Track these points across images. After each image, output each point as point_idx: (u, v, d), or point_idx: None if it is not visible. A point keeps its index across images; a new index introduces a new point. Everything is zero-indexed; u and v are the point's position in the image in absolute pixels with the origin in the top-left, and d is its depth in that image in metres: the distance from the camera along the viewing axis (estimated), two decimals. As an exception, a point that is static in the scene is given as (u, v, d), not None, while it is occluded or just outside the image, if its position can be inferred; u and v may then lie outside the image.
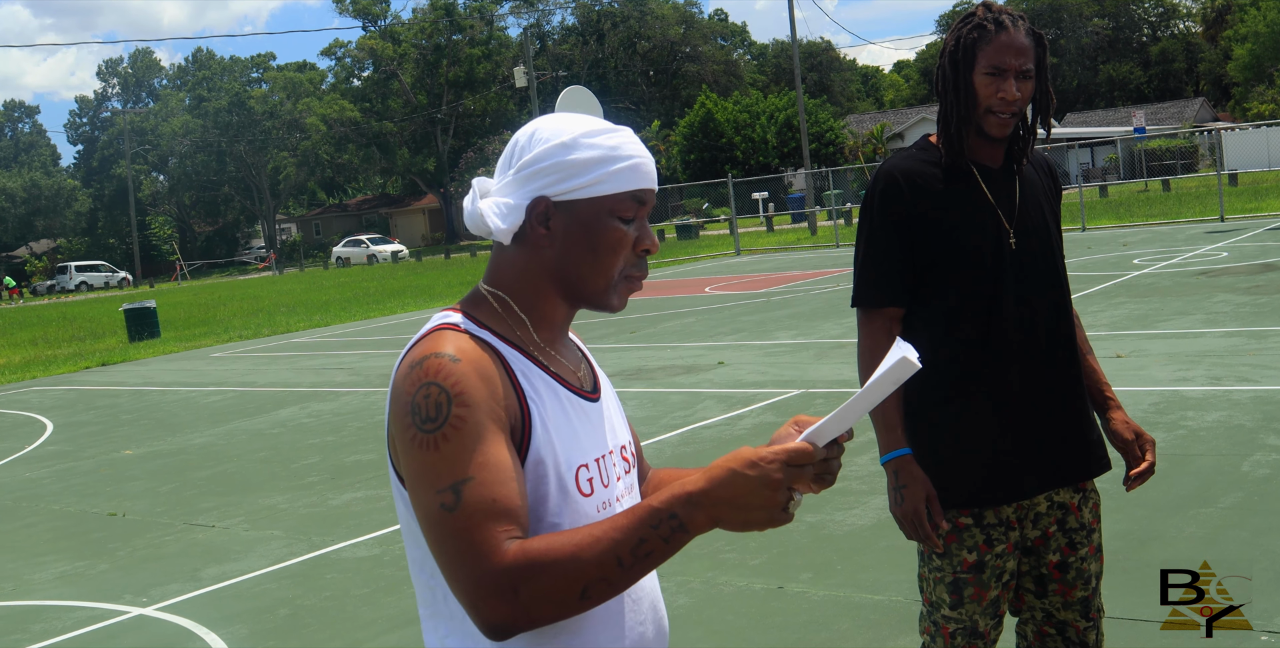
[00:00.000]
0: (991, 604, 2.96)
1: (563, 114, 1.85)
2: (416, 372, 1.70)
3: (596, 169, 1.78)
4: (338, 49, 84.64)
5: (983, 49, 2.86)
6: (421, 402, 1.67)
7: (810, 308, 17.42)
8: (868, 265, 3.01)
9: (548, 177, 1.78)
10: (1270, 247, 19.65)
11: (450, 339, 1.74)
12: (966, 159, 2.96)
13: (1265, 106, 62.64)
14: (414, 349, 1.76)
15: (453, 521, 1.61)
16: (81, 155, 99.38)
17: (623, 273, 1.84)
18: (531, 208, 1.79)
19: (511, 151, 1.84)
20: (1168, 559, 5.43)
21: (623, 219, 1.81)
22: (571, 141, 1.78)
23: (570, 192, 1.78)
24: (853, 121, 73.11)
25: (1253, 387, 8.87)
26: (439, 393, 1.66)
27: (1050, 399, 2.96)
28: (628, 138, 1.82)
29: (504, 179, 1.83)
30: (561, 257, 1.82)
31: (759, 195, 49.29)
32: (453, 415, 1.65)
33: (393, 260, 63.22)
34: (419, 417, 1.66)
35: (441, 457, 1.64)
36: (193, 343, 22.98)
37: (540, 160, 1.78)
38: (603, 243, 1.81)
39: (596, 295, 1.86)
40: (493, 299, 1.86)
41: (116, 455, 11.11)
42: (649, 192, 1.83)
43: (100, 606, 6.46)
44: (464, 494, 1.62)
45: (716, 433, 9.29)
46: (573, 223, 1.80)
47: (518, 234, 1.82)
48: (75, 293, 69.90)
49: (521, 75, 51.88)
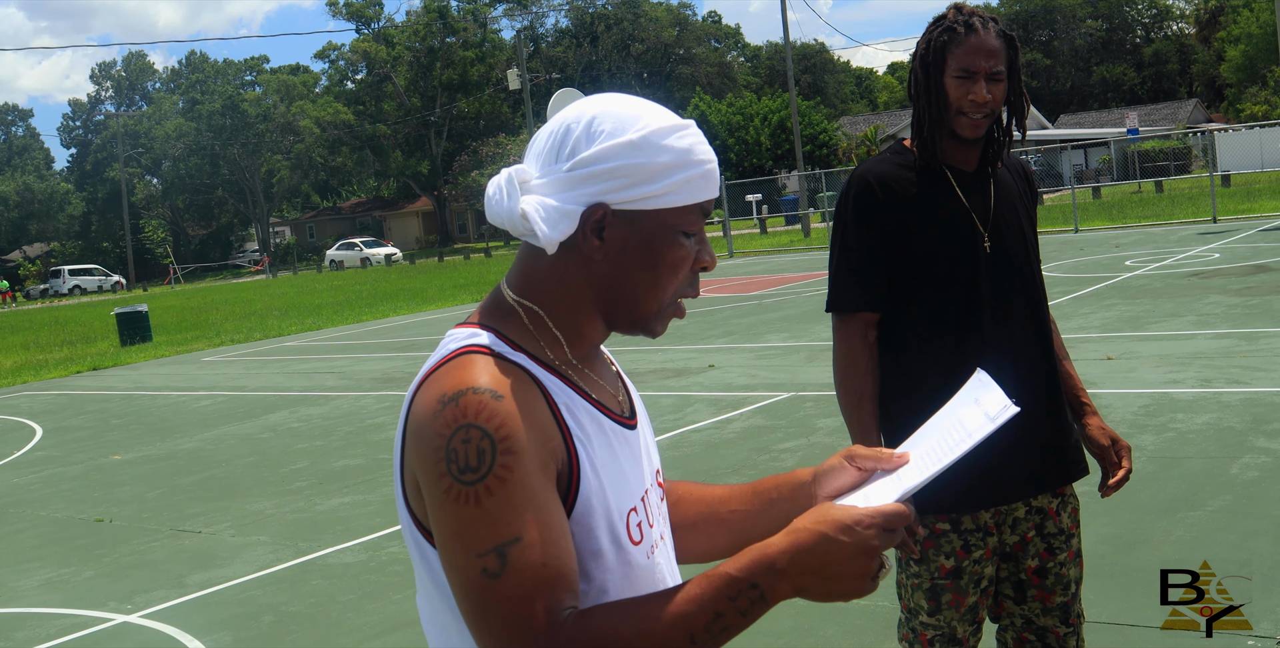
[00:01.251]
0: (970, 611, 2.94)
1: (619, 97, 1.58)
2: (452, 410, 1.43)
3: (668, 177, 1.52)
4: (331, 52, 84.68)
5: (953, 51, 2.85)
6: (460, 447, 1.41)
7: (802, 310, 17.40)
8: (842, 270, 2.99)
9: (610, 181, 1.51)
10: (1262, 248, 19.66)
11: (484, 367, 1.47)
12: (940, 162, 2.95)
13: (1258, 108, 62.72)
14: (440, 377, 1.48)
15: (498, 589, 1.38)
16: (75, 159, 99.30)
17: (677, 295, 1.62)
18: (587, 216, 1.52)
19: (562, 140, 1.54)
20: (1156, 563, 5.40)
21: (687, 234, 1.57)
22: (642, 141, 1.51)
23: (635, 201, 1.52)
24: (846, 123, 73.15)
25: (1243, 389, 8.85)
26: (480, 438, 1.41)
27: (1026, 404, 2.93)
28: (698, 137, 1.57)
29: (552, 174, 1.54)
30: (614, 273, 1.56)
31: (752, 197, 49.32)
32: (498, 465, 1.40)
33: (386, 263, 63.22)
34: (457, 466, 1.40)
35: (484, 513, 1.40)
36: (184, 347, 22.94)
37: (603, 160, 1.51)
38: (664, 261, 1.56)
39: (645, 319, 1.61)
40: (524, 312, 1.58)
41: (105, 461, 11.07)
42: (713, 201, 1.60)
43: (84, 613, 6.43)
44: (510, 558, 1.39)
45: (706, 436, 9.26)
46: (633, 236, 1.54)
47: (564, 242, 1.54)
48: (68, 297, 69.80)
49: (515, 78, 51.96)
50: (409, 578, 6.40)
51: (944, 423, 1.73)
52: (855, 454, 1.69)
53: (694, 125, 1.57)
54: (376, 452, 10.04)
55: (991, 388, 1.71)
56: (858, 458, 1.69)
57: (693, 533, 1.83)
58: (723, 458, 8.44)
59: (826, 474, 1.71)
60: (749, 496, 1.79)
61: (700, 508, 1.83)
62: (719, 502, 1.82)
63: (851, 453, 1.71)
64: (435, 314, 25.07)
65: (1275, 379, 9.06)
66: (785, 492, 1.74)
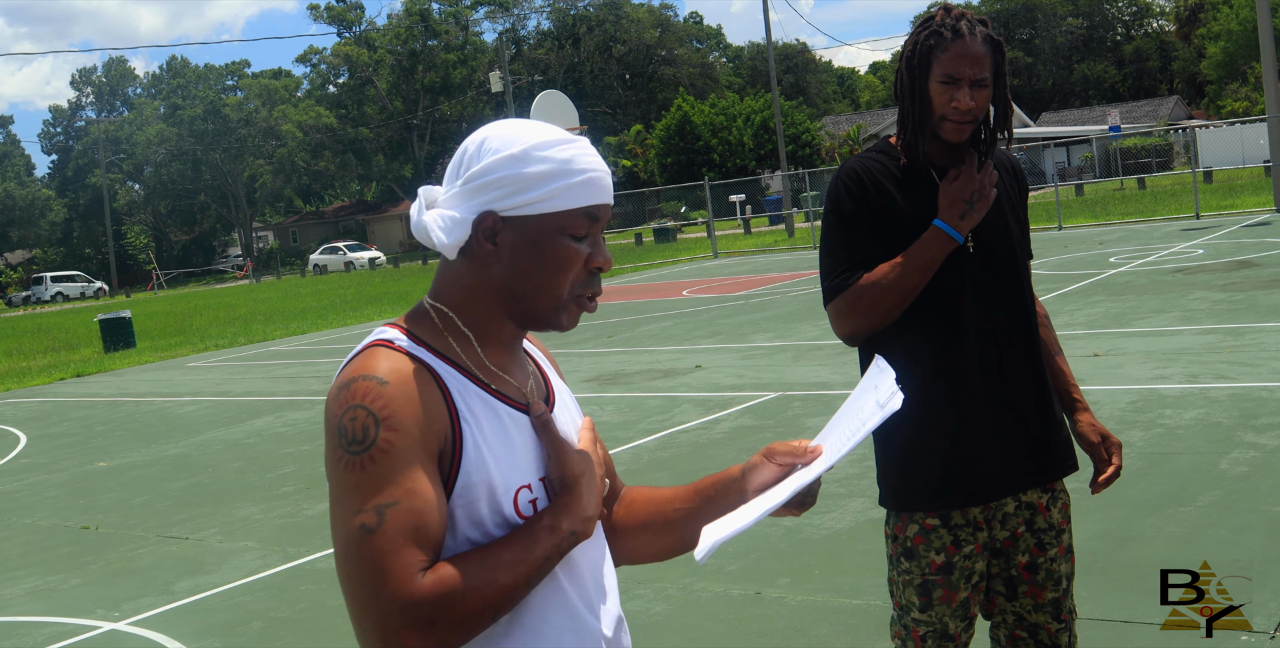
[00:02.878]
0: (961, 606, 2.93)
1: (516, 121, 1.76)
2: (345, 393, 1.63)
3: (548, 184, 1.69)
4: (313, 55, 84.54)
5: (938, 57, 2.84)
6: (349, 424, 1.60)
7: (788, 310, 17.40)
8: (834, 258, 2.96)
9: (496, 190, 1.69)
10: (1245, 243, 19.72)
11: (383, 357, 1.66)
12: (925, 162, 2.94)
13: (1239, 104, 62.92)
14: (347, 368, 1.68)
15: (371, 543, 1.56)
16: (56, 165, 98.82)
17: (573, 292, 1.76)
18: (478, 223, 1.70)
19: (460, 160, 1.74)
20: (1148, 559, 5.41)
21: (574, 236, 1.73)
22: (522, 153, 1.69)
23: (519, 207, 1.69)
24: (829, 123, 73.24)
25: (1230, 384, 8.87)
26: (366, 416, 1.60)
27: (1016, 400, 2.94)
28: (583, 149, 1.73)
29: (451, 189, 1.73)
30: (508, 274, 1.73)
31: (736, 198, 49.32)
32: (380, 439, 1.59)
33: (370, 267, 63.12)
34: (345, 439, 1.60)
35: (367, 478, 1.58)
36: (169, 353, 22.86)
37: (488, 173, 1.69)
38: (551, 261, 1.72)
39: (544, 315, 1.77)
40: (435, 314, 1.76)
41: (90, 468, 11.02)
42: (604, 207, 1.75)
43: (72, 621, 6.39)
44: (386, 517, 1.56)
45: (694, 437, 9.25)
46: (521, 240, 1.71)
47: (464, 248, 1.73)
48: (51, 304, 69.51)
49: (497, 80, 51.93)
50: (398, 582, 6.36)
51: (848, 413, 1.84)
52: (774, 451, 1.84)
53: (583, 141, 1.74)
54: (363, 456, 9.99)
55: (887, 374, 1.81)
56: (777, 454, 1.84)
57: (644, 533, 1.98)
58: (711, 458, 8.42)
59: (752, 470, 1.85)
60: (691, 494, 1.93)
61: (649, 508, 1.99)
62: (665, 502, 1.97)
63: (771, 450, 1.85)
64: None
65: (1262, 374, 9.08)
66: (720, 489, 1.88)
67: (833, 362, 11.88)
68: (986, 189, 2.88)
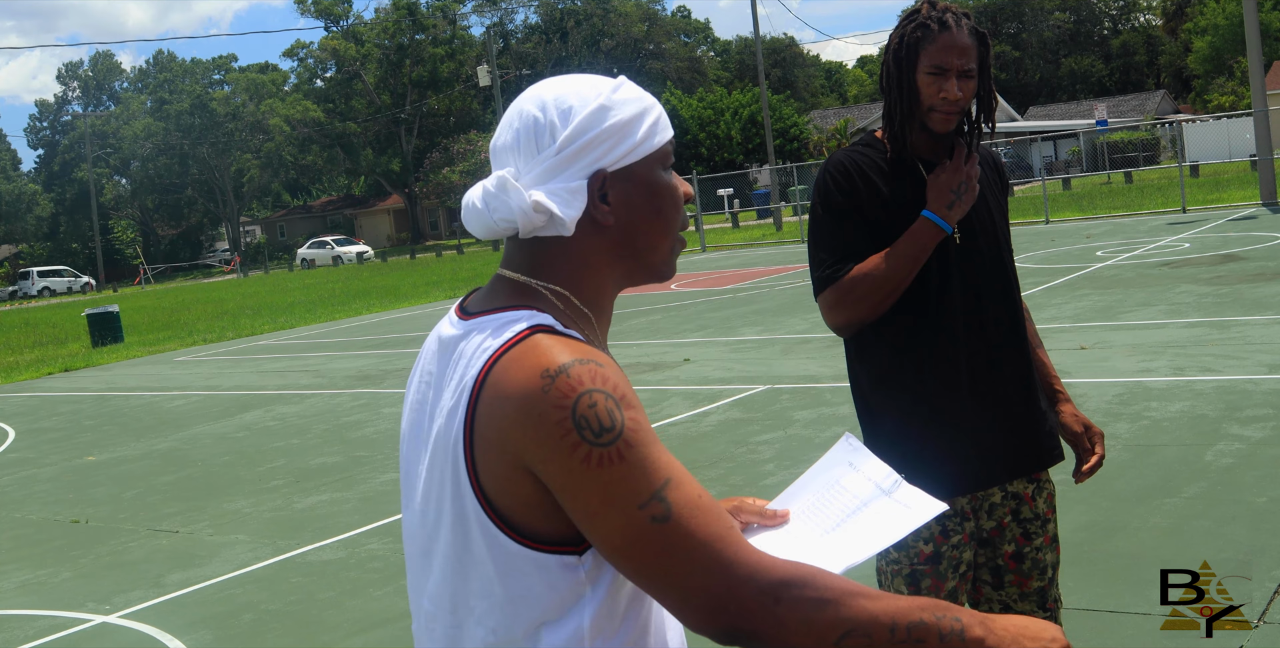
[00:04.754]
0: (949, 596, 2.96)
1: (552, 80, 1.67)
2: (563, 381, 1.45)
3: (640, 125, 1.61)
4: (300, 50, 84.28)
5: (925, 48, 2.88)
6: (589, 413, 1.44)
7: (776, 304, 17.44)
8: (823, 250, 2.99)
9: (599, 146, 1.58)
10: (1231, 237, 19.80)
11: (564, 343, 1.51)
12: (911, 154, 2.98)
13: (1225, 98, 63.12)
14: (522, 356, 1.49)
15: (675, 529, 1.43)
16: (42, 159, 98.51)
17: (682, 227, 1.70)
18: (592, 185, 1.59)
19: (534, 131, 1.59)
20: (1134, 550, 5.46)
21: (669, 170, 1.67)
22: (607, 102, 1.59)
23: (624, 156, 1.59)
24: (817, 117, 73.34)
25: (1215, 377, 8.92)
26: (605, 399, 1.45)
27: (1001, 391, 2.97)
28: (636, 86, 1.67)
29: (541, 162, 1.58)
30: (628, 229, 1.62)
31: (724, 192, 49.33)
32: (627, 420, 1.45)
33: (358, 261, 63.04)
34: (590, 431, 1.43)
35: (630, 468, 1.44)
36: (157, 347, 22.82)
37: (584, 131, 1.58)
38: (666, 200, 1.64)
39: (661, 263, 1.68)
40: (551, 296, 1.61)
41: (80, 462, 11.02)
42: None
43: (63, 614, 6.40)
44: (671, 500, 1.44)
45: (683, 430, 9.28)
46: (633, 190, 1.61)
47: None
48: (38, 299, 69.29)
49: (485, 74, 51.88)
50: (389, 574, 6.40)
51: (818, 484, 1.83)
52: (741, 508, 1.82)
53: (624, 78, 1.67)
54: (353, 449, 10.02)
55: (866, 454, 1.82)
56: (743, 512, 1.82)
57: None
58: (701, 451, 8.45)
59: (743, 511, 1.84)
60: None
61: None
62: None
63: (738, 507, 1.83)
64: (408, 312, 25.02)
65: (1247, 367, 9.13)
66: None
67: (821, 355, 11.91)
68: (973, 180, 2.92)
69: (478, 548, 1.52)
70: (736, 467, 7.87)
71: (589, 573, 1.52)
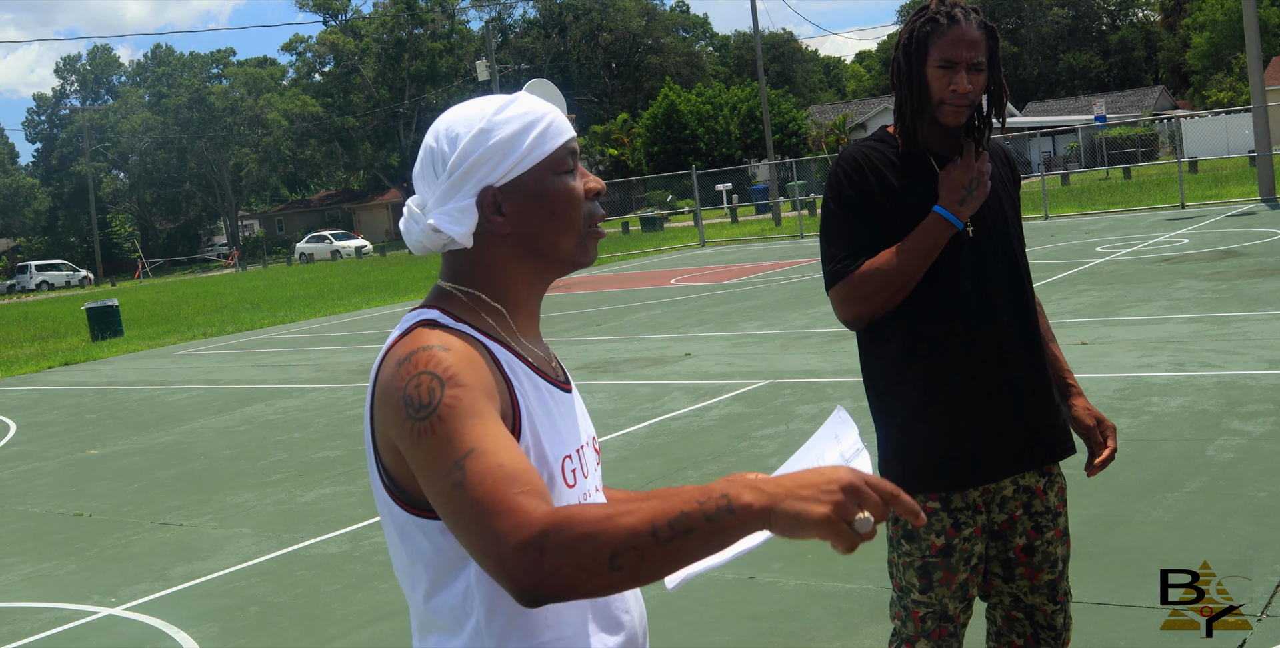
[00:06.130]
0: (960, 588, 2.98)
1: (455, 107, 1.83)
2: (405, 366, 1.66)
3: (523, 140, 1.75)
4: (298, 44, 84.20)
5: (935, 42, 2.90)
6: (414, 392, 1.63)
7: (776, 299, 17.46)
8: (835, 244, 3.00)
9: (483, 166, 1.75)
10: (1230, 233, 19.82)
11: (434, 333, 1.71)
12: (923, 148, 3.00)
13: (1224, 94, 63.13)
14: (396, 347, 1.72)
15: (465, 493, 1.54)
16: (40, 153, 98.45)
17: (586, 224, 1.83)
18: (481, 202, 1.76)
19: (430, 159, 1.79)
20: (1136, 544, 5.48)
21: (565, 173, 1.79)
22: (488, 125, 1.75)
23: (509, 171, 1.75)
24: (815, 112, 73.31)
25: (1216, 372, 8.94)
26: (430, 380, 1.63)
27: (1013, 384, 2.99)
28: (531, 100, 1.80)
29: (437, 188, 1.78)
30: (525, 234, 1.79)
31: (723, 187, 49.42)
32: (446, 396, 1.61)
33: (357, 256, 63.02)
34: (412, 407, 1.62)
35: (440, 439, 1.59)
36: (156, 341, 22.83)
37: (467, 155, 1.75)
38: (560, 203, 1.79)
39: (570, 255, 1.83)
40: (462, 296, 1.81)
41: (81, 455, 11.03)
42: (574, 139, 1.82)
43: (68, 606, 6.42)
44: (468, 467, 1.55)
45: (685, 424, 9.30)
46: (524, 198, 1.77)
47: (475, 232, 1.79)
48: (36, 292, 69.23)
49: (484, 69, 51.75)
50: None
51: (808, 458, 1.87)
52: None
53: (521, 93, 1.82)
54: (355, 443, 10.03)
55: (849, 427, 1.86)
56: None
57: None
58: (702, 445, 8.48)
59: None
60: None
61: None
62: None
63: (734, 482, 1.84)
64: (408, 306, 24.99)
65: (1247, 362, 9.16)
66: None
67: (822, 350, 11.93)
68: (984, 176, 2.94)
69: (385, 518, 1.77)
70: (739, 461, 7.90)
71: None
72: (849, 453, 1.78)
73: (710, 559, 1.65)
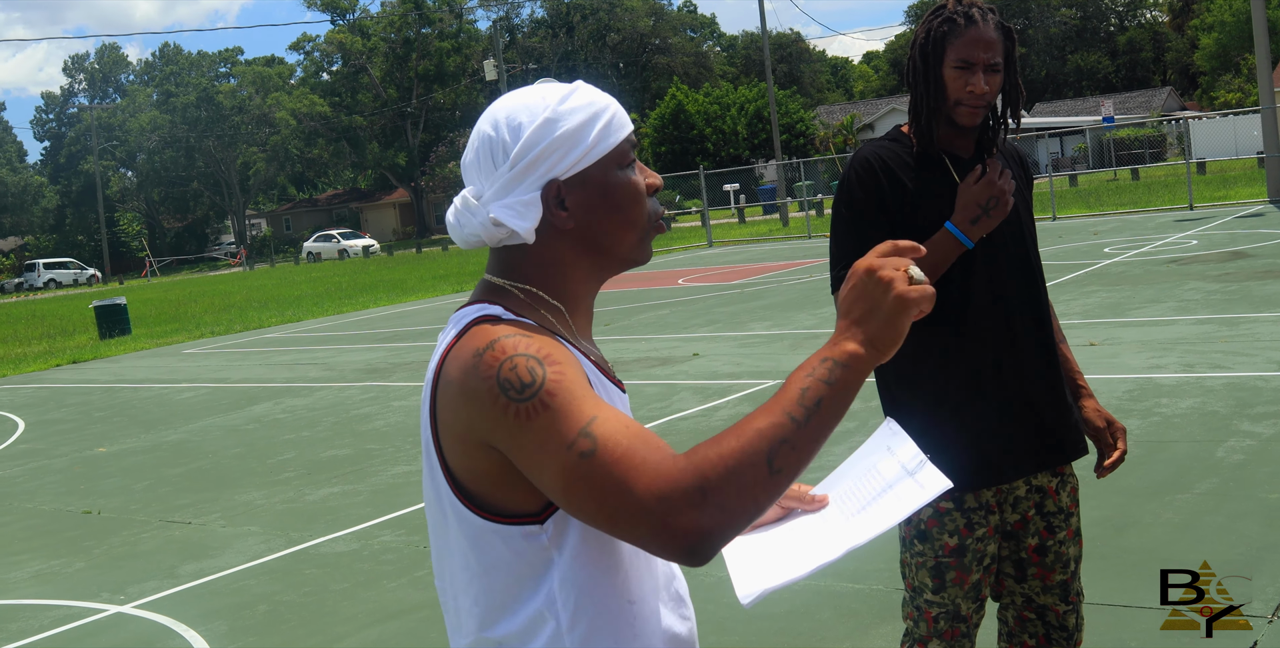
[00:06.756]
0: (973, 588, 2.98)
1: (513, 94, 1.74)
2: (489, 355, 1.57)
3: (589, 132, 1.68)
4: (306, 43, 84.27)
5: (952, 43, 2.90)
6: (510, 375, 1.54)
7: (784, 299, 17.45)
8: (843, 247, 3.00)
9: (549, 158, 1.67)
10: (1239, 234, 19.79)
11: (503, 325, 1.63)
12: (938, 149, 2.99)
13: (1232, 95, 62.99)
14: (462, 344, 1.62)
15: (598, 460, 1.49)
16: (48, 152, 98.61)
17: (649, 220, 1.77)
18: (546, 195, 1.68)
19: (489, 148, 1.70)
20: (1146, 545, 5.48)
21: (627, 167, 1.73)
22: (553, 115, 1.67)
23: (575, 164, 1.68)
24: (823, 113, 73.24)
25: (1225, 373, 8.93)
26: (527, 360, 1.55)
27: (1026, 385, 2.99)
28: (591, 90, 1.73)
29: (496, 179, 1.69)
30: (590, 230, 1.71)
31: (730, 187, 49.35)
32: (550, 373, 1.54)
33: (364, 255, 63.04)
34: (512, 391, 1.54)
35: (554, 414, 1.52)
36: (164, 340, 22.87)
37: (533, 146, 1.66)
38: (624, 198, 1.72)
39: (632, 252, 1.77)
40: (520, 293, 1.72)
41: (90, 453, 11.05)
42: (633, 132, 1.76)
43: (77, 604, 6.43)
44: (596, 434, 1.50)
45: (693, 424, 9.29)
46: (589, 193, 1.70)
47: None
48: (44, 290, 69.33)
49: (491, 68, 51.83)
50: (402, 567, 6.43)
51: (858, 469, 1.85)
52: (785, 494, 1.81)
53: (581, 83, 1.74)
54: (364, 442, 10.04)
55: (903, 438, 1.83)
56: (786, 497, 1.88)
57: None
58: (711, 445, 8.45)
59: None
60: None
61: None
62: None
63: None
64: (415, 305, 25.04)
65: (1257, 363, 9.14)
66: None
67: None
68: (1005, 197, 2.92)
69: (453, 525, 1.67)
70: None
71: (552, 539, 1.62)
72: (911, 465, 1.74)
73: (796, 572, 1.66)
